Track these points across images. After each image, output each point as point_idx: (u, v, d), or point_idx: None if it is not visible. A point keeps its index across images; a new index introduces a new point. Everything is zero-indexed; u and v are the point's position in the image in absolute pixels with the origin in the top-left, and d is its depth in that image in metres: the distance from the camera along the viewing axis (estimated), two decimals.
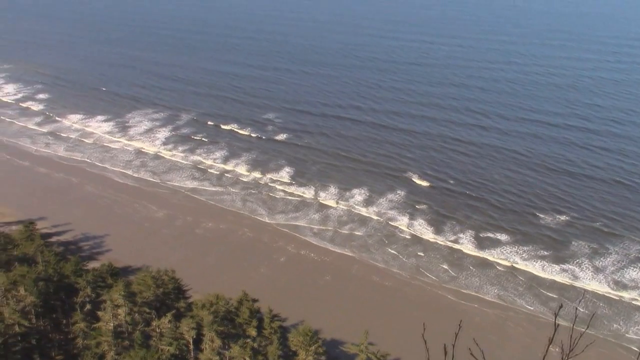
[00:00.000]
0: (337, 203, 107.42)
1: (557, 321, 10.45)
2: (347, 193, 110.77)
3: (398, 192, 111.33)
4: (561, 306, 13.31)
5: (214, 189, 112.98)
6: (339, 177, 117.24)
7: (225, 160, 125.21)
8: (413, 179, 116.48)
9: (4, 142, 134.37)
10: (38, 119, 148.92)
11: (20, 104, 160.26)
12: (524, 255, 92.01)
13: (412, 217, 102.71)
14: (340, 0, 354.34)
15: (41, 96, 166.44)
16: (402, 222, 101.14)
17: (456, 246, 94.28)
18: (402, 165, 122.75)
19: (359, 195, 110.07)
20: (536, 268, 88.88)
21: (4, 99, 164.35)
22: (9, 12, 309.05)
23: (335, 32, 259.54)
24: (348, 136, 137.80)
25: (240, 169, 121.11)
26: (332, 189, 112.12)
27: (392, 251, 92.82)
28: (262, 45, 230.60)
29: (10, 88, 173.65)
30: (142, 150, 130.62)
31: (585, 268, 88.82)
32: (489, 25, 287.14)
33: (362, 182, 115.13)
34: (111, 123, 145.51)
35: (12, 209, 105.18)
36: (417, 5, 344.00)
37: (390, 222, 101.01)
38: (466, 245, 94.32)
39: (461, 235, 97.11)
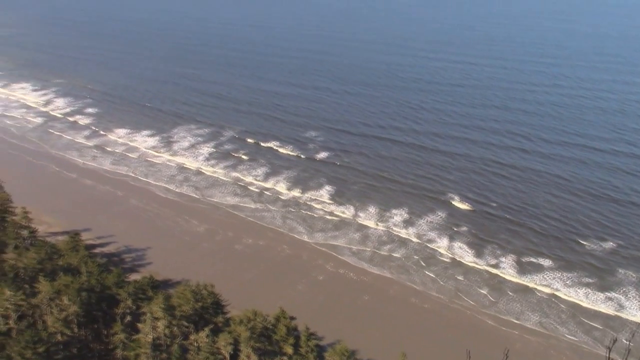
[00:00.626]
0: (377, 224, 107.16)
1: (600, 352, 10.35)
2: (387, 214, 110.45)
3: (438, 214, 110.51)
4: (615, 340, 13.08)
5: (254, 205, 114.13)
6: (378, 197, 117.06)
7: (266, 177, 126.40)
8: (453, 202, 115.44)
9: (53, 155, 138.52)
10: (86, 133, 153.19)
11: (69, 117, 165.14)
12: (566, 282, 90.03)
13: (451, 239, 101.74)
14: (385, 20, 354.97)
15: (89, 110, 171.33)
16: (441, 244, 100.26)
17: (496, 271, 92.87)
18: (442, 187, 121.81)
19: (398, 216, 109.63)
20: (579, 296, 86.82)
21: (54, 113, 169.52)
22: (60, 29, 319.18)
23: (378, 52, 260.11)
24: (388, 157, 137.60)
25: (280, 186, 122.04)
26: (372, 209, 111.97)
27: (431, 274, 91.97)
28: (304, 64, 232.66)
29: (60, 102, 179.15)
30: (185, 165, 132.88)
31: (631, 297, 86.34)
32: (534, 47, 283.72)
33: (401, 203, 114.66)
34: (155, 138, 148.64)
35: (59, 219, 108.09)
36: (461, 27, 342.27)
37: (429, 245, 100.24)
38: (506, 270, 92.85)
39: (501, 259, 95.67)
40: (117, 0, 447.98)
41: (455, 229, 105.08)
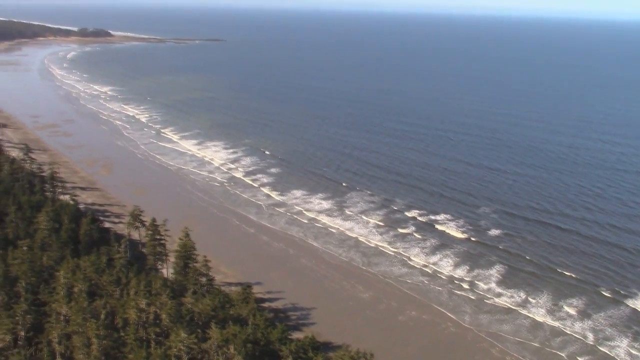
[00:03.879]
0: (545, 315, 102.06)
1: None
2: (557, 306, 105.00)
3: (613, 314, 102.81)
4: None
5: (418, 279, 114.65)
6: (547, 287, 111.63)
7: (431, 252, 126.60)
8: (631, 302, 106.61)
9: (234, 210, 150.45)
10: (264, 192, 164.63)
11: (251, 177, 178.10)
12: None
13: (630, 343, 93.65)
14: (570, 102, 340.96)
15: (270, 171, 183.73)
16: (618, 346, 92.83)
17: None
18: (619, 285, 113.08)
19: (569, 310, 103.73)
20: None
21: (237, 172, 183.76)
22: (248, 95, 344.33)
23: (555, 132, 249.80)
24: (556, 245, 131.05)
25: (445, 263, 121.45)
26: (540, 300, 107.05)
27: None
28: (474, 141, 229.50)
29: (243, 162, 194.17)
30: (352, 232, 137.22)
31: None
32: None
33: (572, 296, 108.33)
34: (326, 203, 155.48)
35: (235, 270, 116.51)
36: None
37: (603, 347, 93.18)
38: None
39: None
40: (300, 70, 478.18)
41: (634, 333, 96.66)
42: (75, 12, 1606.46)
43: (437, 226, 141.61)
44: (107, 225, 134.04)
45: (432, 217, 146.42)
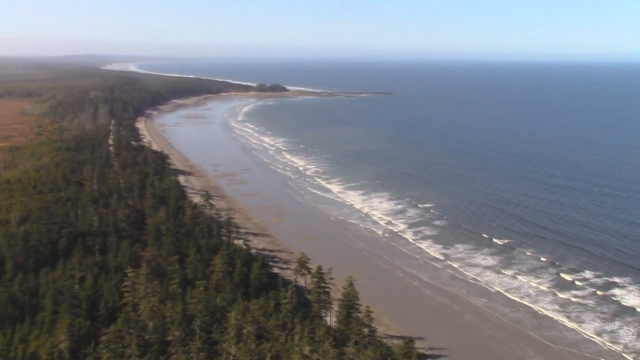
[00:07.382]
0: None
1: None
2: None
3: None
4: None
5: (594, 349, 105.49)
6: None
7: (607, 320, 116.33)
8: None
9: (397, 263, 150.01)
10: (426, 246, 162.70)
11: (411, 230, 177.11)
12: None
13: None
14: None
15: (435, 223, 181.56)
16: None
17: None
18: None
19: None
20: None
21: (396, 226, 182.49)
22: (409, 147, 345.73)
23: None
24: None
25: (623, 333, 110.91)
26: None
27: None
28: None
29: (406, 215, 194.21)
30: (518, 293, 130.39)
31: None
32: None
33: None
34: (491, 261, 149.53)
35: (397, 323, 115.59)
36: None
37: None
38: None
39: None
40: (466, 123, 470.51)
41: None
42: (258, 69, 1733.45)
43: (611, 292, 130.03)
44: (275, 270, 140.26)
45: (604, 282, 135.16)
